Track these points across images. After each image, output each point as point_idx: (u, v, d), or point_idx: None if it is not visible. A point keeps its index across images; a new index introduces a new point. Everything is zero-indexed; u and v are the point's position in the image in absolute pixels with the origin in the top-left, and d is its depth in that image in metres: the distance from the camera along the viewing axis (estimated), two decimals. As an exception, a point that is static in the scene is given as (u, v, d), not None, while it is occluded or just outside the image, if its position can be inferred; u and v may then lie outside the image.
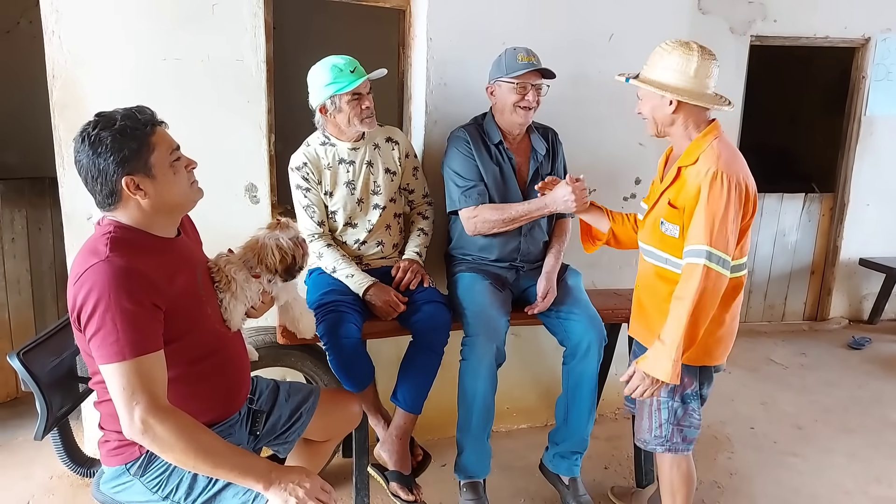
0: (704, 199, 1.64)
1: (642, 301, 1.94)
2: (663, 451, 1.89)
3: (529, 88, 2.15)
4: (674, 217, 1.75)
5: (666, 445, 1.87)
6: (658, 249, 1.83)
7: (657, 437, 1.87)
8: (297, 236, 1.67)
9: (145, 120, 1.36)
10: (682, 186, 1.74)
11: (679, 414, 1.85)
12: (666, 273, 1.81)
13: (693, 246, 1.66)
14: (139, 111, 1.37)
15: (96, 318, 1.26)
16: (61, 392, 1.63)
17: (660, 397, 1.83)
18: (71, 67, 2.15)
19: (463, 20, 2.47)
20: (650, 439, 1.89)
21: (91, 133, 1.32)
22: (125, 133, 1.32)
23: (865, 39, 4.12)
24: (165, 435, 1.26)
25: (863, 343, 4.06)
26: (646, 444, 1.91)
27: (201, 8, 2.23)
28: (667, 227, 1.78)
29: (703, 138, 1.74)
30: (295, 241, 1.65)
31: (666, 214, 1.78)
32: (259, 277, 1.63)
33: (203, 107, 2.29)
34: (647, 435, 1.90)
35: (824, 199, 4.45)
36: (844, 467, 2.65)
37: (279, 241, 1.62)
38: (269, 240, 1.62)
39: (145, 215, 1.39)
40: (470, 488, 2.12)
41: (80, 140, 1.33)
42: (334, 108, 2.09)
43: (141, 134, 1.34)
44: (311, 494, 1.31)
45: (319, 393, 1.83)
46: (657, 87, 1.74)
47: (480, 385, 2.05)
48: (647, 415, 1.88)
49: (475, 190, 2.19)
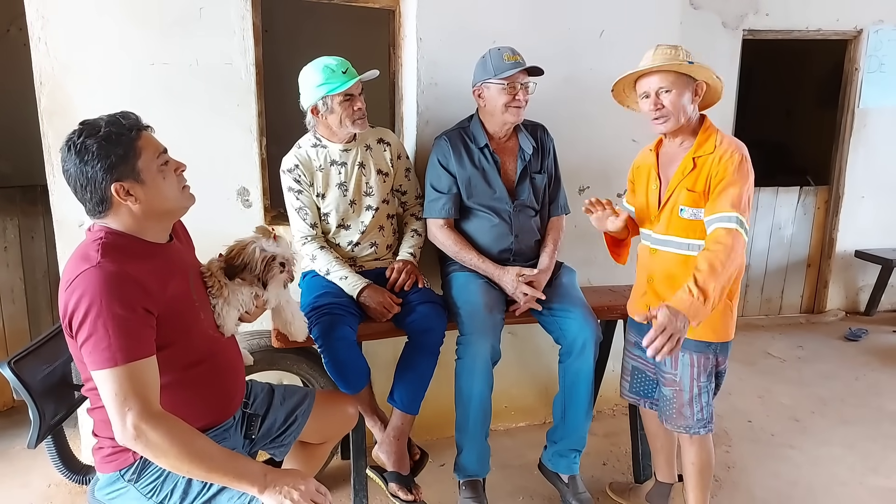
0: (732, 174, 1.76)
1: (660, 294, 1.92)
2: (705, 433, 1.95)
3: (519, 88, 2.14)
4: (697, 201, 1.82)
5: (709, 427, 1.94)
6: (680, 237, 1.87)
7: (700, 419, 1.93)
8: (283, 255, 1.64)
9: (130, 125, 1.35)
10: (701, 173, 1.82)
11: (713, 392, 1.94)
12: (690, 259, 1.84)
13: (722, 213, 1.75)
14: (123, 116, 1.36)
15: (88, 323, 1.25)
16: (54, 400, 1.62)
17: (700, 382, 1.90)
18: (58, 74, 2.15)
19: (453, 20, 2.46)
20: (693, 424, 1.94)
21: (76, 141, 1.31)
22: (110, 139, 1.31)
23: (858, 31, 4.13)
24: (158, 440, 1.25)
25: (859, 335, 4.07)
26: (688, 429, 1.95)
27: (188, 12, 2.22)
28: (691, 213, 1.84)
29: (706, 130, 1.87)
30: (272, 258, 1.61)
31: (687, 201, 1.84)
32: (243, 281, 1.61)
33: (193, 111, 2.28)
34: (689, 421, 1.94)
35: (819, 192, 4.46)
36: (842, 459, 2.66)
37: (262, 249, 1.60)
38: (254, 249, 1.60)
39: (137, 221, 1.38)
40: (469, 487, 2.12)
41: (66, 149, 1.33)
42: (326, 109, 2.09)
43: (126, 139, 1.33)
44: (305, 497, 1.30)
45: (315, 395, 1.83)
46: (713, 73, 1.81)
47: (477, 384, 2.04)
48: (688, 402, 1.92)
49: (441, 202, 2.23)
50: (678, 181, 1.86)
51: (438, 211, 2.24)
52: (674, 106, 1.82)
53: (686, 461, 2.02)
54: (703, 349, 1.89)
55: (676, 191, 1.87)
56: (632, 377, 2.15)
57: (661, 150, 1.99)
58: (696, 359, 1.90)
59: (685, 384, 1.92)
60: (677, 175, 1.87)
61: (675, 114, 1.83)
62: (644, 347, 2.01)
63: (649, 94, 1.85)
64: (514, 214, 2.25)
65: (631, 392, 2.16)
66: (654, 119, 1.86)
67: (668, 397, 1.97)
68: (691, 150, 1.85)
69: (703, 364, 1.90)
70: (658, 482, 2.23)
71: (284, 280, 1.68)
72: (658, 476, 2.23)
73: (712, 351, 1.90)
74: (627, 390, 2.17)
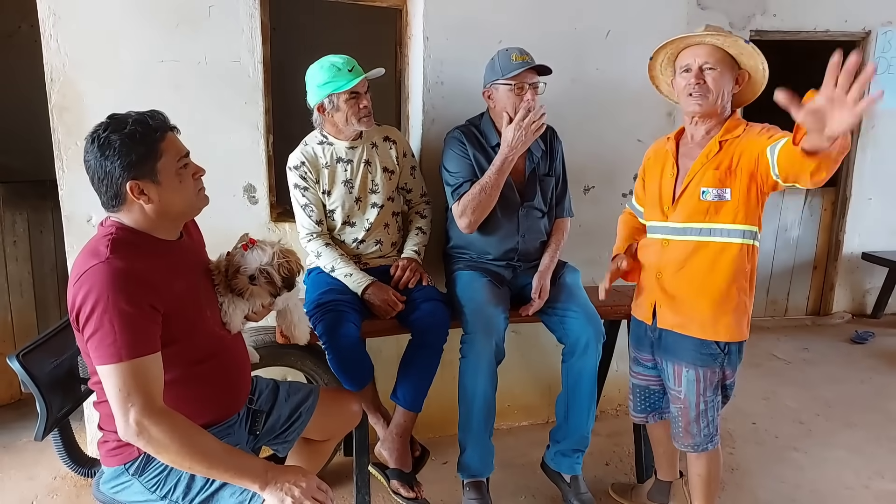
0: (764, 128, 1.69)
1: (670, 289, 1.86)
2: (713, 448, 1.90)
3: (527, 88, 2.14)
4: (722, 179, 1.72)
5: (715, 440, 1.90)
6: (700, 223, 1.77)
7: (706, 435, 1.88)
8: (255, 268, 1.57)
9: (156, 126, 1.36)
10: (728, 154, 1.73)
11: (720, 406, 1.88)
12: (707, 244, 1.77)
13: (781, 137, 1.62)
14: (151, 116, 1.37)
15: (94, 319, 1.27)
16: (61, 393, 1.64)
17: (706, 398, 1.84)
18: (69, 71, 2.16)
19: (459, 18, 2.46)
20: (700, 441, 1.89)
21: (101, 135, 1.33)
22: (134, 137, 1.32)
23: (866, 33, 4.11)
24: (160, 436, 1.27)
25: (866, 337, 4.05)
26: (696, 447, 1.90)
27: (198, 10, 2.24)
28: (715, 193, 1.73)
29: (737, 119, 1.79)
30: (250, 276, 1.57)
31: (710, 181, 1.73)
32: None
33: (200, 108, 2.29)
34: (696, 438, 1.88)
35: (826, 193, 4.44)
36: (846, 462, 2.64)
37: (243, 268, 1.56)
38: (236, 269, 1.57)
39: (148, 219, 1.40)
40: (473, 487, 2.12)
41: (89, 140, 1.34)
42: (332, 106, 2.10)
43: (150, 140, 1.35)
44: (307, 494, 1.31)
45: (319, 392, 1.84)
46: (762, 62, 1.72)
47: (481, 382, 2.04)
48: (695, 419, 1.87)
49: (468, 186, 2.17)
50: (702, 164, 1.76)
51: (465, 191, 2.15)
52: (716, 85, 1.71)
53: (692, 472, 1.97)
54: (709, 362, 1.82)
55: (699, 174, 1.76)
56: (634, 396, 2.11)
57: (682, 139, 1.89)
58: (702, 373, 1.83)
59: (691, 401, 1.86)
60: (700, 159, 1.77)
61: (715, 94, 1.72)
62: (644, 363, 2.02)
63: (691, 68, 1.73)
64: (523, 215, 2.25)
65: (636, 411, 2.12)
66: (689, 95, 1.74)
67: (674, 415, 1.93)
68: (718, 134, 1.76)
69: (710, 378, 1.84)
70: (658, 480, 2.22)
71: (267, 292, 1.59)
72: (658, 474, 2.22)
73: (719, 364, 1.83)
74: (633, 409, 2.13)
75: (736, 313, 1.80)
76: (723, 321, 1.80)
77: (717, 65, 1.71)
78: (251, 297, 1.59)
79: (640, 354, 2.04)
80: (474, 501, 2.09)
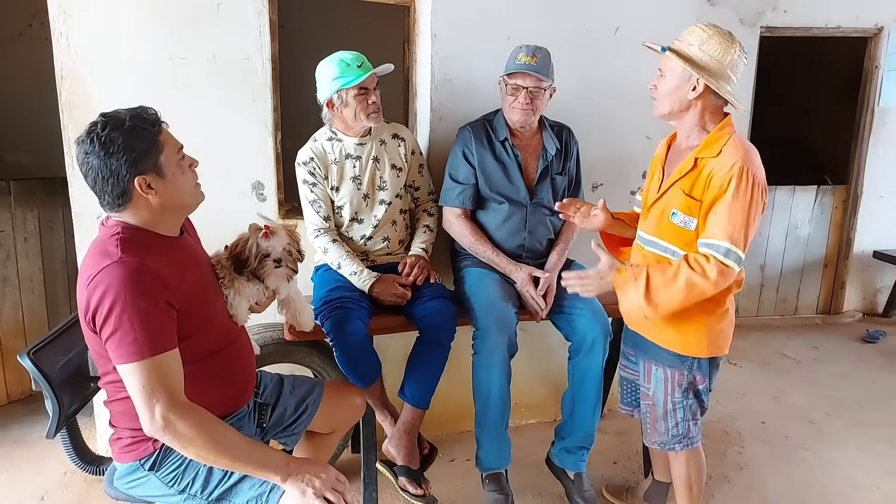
0: (731, 194, 1.59)
1: None
2: (681, 449, 1.88)
3: (521, 90, 2.13)
4: (692, 209, 1.67)
5: (684, 442, 1.87)
6: (664, 241, 1.76)
7: (675, 436, 1.87)
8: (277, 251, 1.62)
9: (152, 119, 1.37)
10: (700, 178, 1.66)
11: (694, 409, 1.85)
12: (670, 261, 1.74)
13: (712, 240, 1.61)
14: (144, 111, 1.37)
15: (113, 319, 1.26)
16: (70, 390, 1.65)
17: (674, 398, 1.83)
18: (79, 68, 2.18)
19: (467, 16, 2.46)
20: (667, 440, 1.88)
21: (101, 134, 1.31)
22: (135, 133, 1.33)
23: (878, 29, 4.07)
24: (186, 431, 1.28)
25: (877, 336, 4.01)
26: (663, 445, 1.90)
27: (206, 7, 2.25)
28: (682, 219, 1.70)
29: (721, 131, 1.69)
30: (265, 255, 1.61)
31: (681, 205, 1.70)
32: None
33: (209, 105, 2.30)
34: (663, 437, 1.88)
35: (837, 191, 4.40)
36: (857, 462, 2.62)
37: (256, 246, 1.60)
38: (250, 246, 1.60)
39: (153, 215, 1.40)
40: (492, 480, 2.12)
41: (88, 141, 1.32)
42: (341, 102, 2.10)
43: (150, 134, 1.35)
44: (326, 485, 1.34)
45: (324, 385, 1.85)
46: (696, 67, 1.64)
47: (495, 377, 2.04)
48: (662, 417, 1.86)
49: (457, 191, 2.24)
50: (675, 178, 1.72)
51: (454, 200, 2.25)
52: (661, 92, 1.71)
53: (674, 475, 1.97)
54: (677, 364, 1.80)
55: (672, 190, 1.73)
56: (622, 389, 2.11)
57: (673, 143, 1.88)
58: (670, 373, 1.82)
59: (658, 399, 1.85)
60: (678, 170, 1.73)
61: (666, 98, 1.71)
62: (630, 357, 2.02)
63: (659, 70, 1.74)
64: (531, 211, 2.25)
65: (623, 404, 2.11)
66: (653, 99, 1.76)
67: (643, 411, 1.94)
68: (696, 149, 1.70)
69: (678, 380, 1.81)
70: (655, 481, 2.21)
71: (286, 274, 1.66)
72: (655, 475, 2.21)
73: (687, 367, 1.79)
74: (620, 402, 2.13)
75: (696, 332, 1.76)
76: (680, 338, 1.78)
77: (667, 71, 1.71)
78: (276, 280, 1.66)
79: (627, 349, 2.04)
80: (494, 493, 2.09)
